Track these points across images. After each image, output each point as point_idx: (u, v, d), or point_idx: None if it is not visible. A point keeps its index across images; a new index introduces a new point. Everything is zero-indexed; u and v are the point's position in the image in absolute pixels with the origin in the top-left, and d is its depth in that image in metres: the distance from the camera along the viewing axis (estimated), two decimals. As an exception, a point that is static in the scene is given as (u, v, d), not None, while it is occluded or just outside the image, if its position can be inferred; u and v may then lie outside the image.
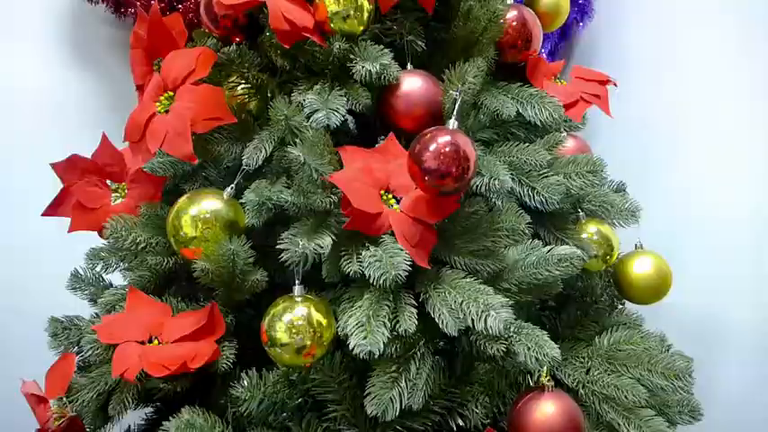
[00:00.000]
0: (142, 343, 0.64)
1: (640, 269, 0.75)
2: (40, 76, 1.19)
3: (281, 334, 0.57)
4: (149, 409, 0.87)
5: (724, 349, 1.12)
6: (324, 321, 0.58)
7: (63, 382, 0.73)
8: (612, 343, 0.72)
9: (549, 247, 0.64)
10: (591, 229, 0.74)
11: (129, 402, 0.74)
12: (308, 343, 0.57)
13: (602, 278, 0.83)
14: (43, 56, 1.20)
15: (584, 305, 0.81)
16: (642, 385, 0.67)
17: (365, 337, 0.55)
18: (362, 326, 0.56)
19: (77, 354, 0.79)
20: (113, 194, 0.77)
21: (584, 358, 0.73)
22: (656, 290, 0.75)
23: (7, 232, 1.17)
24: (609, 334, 0.73)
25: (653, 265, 0.75)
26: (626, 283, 0.76)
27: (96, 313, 0.79)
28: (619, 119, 0.97)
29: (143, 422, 0.87)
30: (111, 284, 0.81)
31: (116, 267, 0.78)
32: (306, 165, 0.58)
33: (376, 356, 0.55)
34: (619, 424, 0.67)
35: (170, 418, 0.68)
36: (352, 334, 0.57)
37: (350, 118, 0.80)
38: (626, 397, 0.66)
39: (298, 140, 0.61)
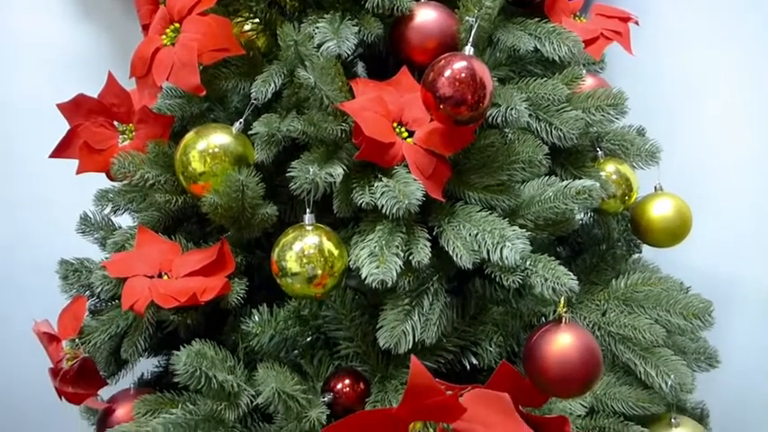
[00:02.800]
0: (151, 278, 0.63)
1: (660, 211, 0.73)
2: (44, 27, 1.17)
3: (292, 263, 0.56)
4: (163, 359, 0.87)
5: (735, 309, 1.09)
6: (335, 251, 0.57)
7: (75, 324, 0.73)
8: (630, 285, 0.71)
9: (567, 182, 0.62)
10: (609, 168, 0.72)
11: (141, 345, 0.74)
12: (319, 272, 0.55)
13: (620, 223, 0.81)
14: (47, 7, 1.18)
15: (601, 252, 0.79)
16: (660, 326, 0.66)
17: (378, 267, 0.54)
18: (375, 256, 0.55)
19: (89, 297, 0.79)
20: (121, 137, 0.76)
21: (600, 301, 0.72)
22: (674, 232, 0.73)
23: (13, 186, 1.17)
24: (626, 276, 0.72)
25: (673, 207, 0.72)
26: (644, 226, 0.73)
27: (106, 257, 0.78)
28: (639, 65, 0.94)
29: (156, 369, 0.87)
30: (120, 228, 0.80)
31: (125, 209, 0.77)
32: (316, 88, 0.56)
33: (389, 285, 0.54)
34: (635, 364, 0.66)
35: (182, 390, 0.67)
36: (363, 265, 0.55)
37: (360, 63, 0.78)
38: (643, 337, 0.65)
39: (308, 64, 0.58)
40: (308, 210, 0.57)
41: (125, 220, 0.82)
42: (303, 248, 0.56)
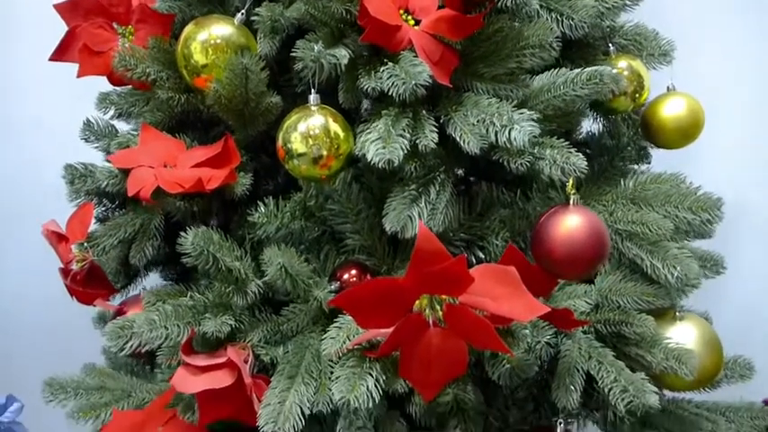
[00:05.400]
0: (156, 169, 0.63)
1: (672, 110, 0.71)
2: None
3: (298, 144, 0.55)
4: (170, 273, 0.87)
5: (742, 231, 1.08)
6: (341, 134, 0.56)
7: (83, 229, 0.73)
8: (638, 183, 0.70)
9: (577, 70, 0.60)
10: (621, 65, 0.70)
11: (148, 251, 0.74)
12: (325, 153, 0.55)
13: (629, 129, 0.80)
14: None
15: (610, 158, 0.78)
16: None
17: (384, 147, 0.53)
18: (381, 138, 0.55)
19: (96, 205, 0.79)
20: (120, 40, 0.75)
21: (607, 202, 0.71)
22: (686, 132, 0.71)
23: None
24: (634, 177, 0.71)
25: (686, 106, 0.71)
26: (655, 126, 0.72)
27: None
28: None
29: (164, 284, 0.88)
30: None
31: (128, 113, 0.76)
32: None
33: (395, 165, 0.54)
34: (642, 259, 0.66)
35: (191, 284, 0.68)
36: (369, 149, 0.55)
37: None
38: (650, 230, 0.65)
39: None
40: (312, 90, 0.56)
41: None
42: (308, 128, 0.55)
